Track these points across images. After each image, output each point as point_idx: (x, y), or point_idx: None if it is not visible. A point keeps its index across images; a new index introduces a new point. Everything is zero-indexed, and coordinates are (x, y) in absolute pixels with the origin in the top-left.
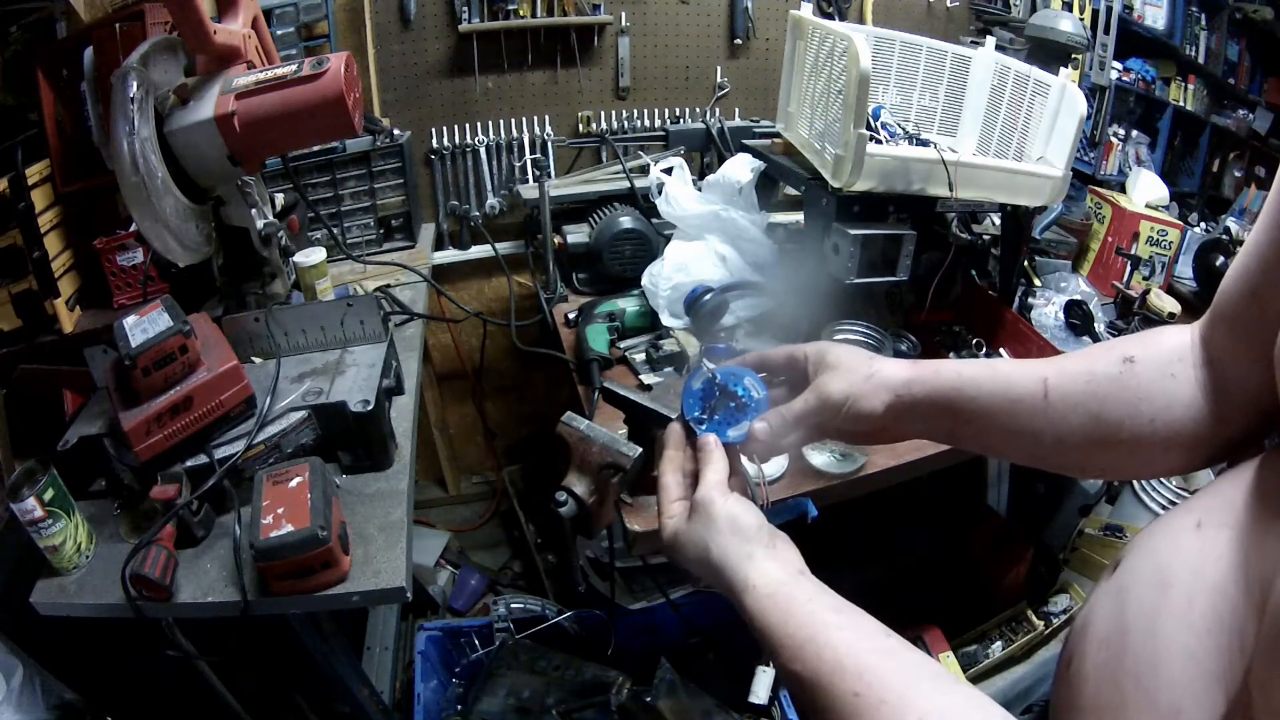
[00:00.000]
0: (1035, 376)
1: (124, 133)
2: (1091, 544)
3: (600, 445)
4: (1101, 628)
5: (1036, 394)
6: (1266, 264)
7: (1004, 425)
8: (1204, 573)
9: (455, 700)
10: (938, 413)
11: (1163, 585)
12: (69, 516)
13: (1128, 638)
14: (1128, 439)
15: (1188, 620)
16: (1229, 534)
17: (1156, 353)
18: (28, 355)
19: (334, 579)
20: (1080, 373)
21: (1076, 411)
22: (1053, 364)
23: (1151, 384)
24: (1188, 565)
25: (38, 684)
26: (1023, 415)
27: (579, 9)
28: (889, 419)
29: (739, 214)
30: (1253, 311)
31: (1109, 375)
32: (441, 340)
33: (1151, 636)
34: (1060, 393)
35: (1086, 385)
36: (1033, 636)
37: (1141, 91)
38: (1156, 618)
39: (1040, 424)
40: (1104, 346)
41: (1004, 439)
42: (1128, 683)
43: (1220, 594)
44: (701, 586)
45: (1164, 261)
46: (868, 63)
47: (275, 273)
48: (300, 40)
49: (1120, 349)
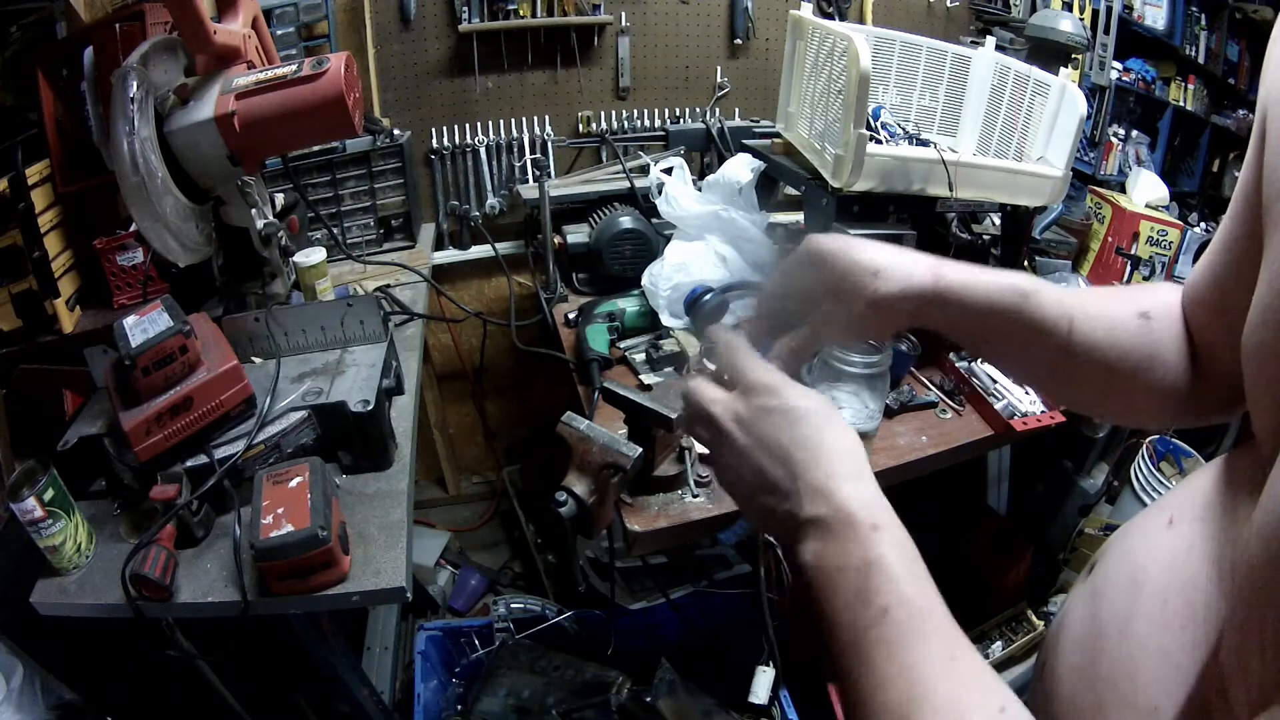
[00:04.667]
0: (1062, 315)
1: (124, 133)
2: (1091, 544)
3: (600, 445)
4: (1076, 630)
5: (1062, 332)
6: (1229, 256)
7: (1024, 354)
8: (1177, 568)
9: (455, 700)
10: (959, 329)
11: (1136, 585)
12: (69, 516)
13: (1102, 641)
14: (1141, 389)
15: (1162, 619)
16: (1201, 526)
17: (1167, 311)
18: (28, 355)
19: (334, 579)
20: (1103, 319)
21: (1096, 356)
22: (1078, 304)
23: (1165, 341)
24: (1160, 562)
25: (38, 684)
26: (1045, 351)
27: (579, 9)
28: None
29: (739, 214)
30: (1216, 297)
31: (1129, 328)
32: (441, 340)
33: (1126, 638)
34: (1083, 335)
35: (1108, 334)
36: (1033, 636)
37: (1141, 91)
38: (1130, 618)
39: (1059, 360)
40: (1122, 296)
41: (1023, 366)
42: (1103, 685)
43: (1193, 588)
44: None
45: (1164, 261)
46: (868, 63)
47: (275, 273)
48: (300, 40)
49: (1137, 302)
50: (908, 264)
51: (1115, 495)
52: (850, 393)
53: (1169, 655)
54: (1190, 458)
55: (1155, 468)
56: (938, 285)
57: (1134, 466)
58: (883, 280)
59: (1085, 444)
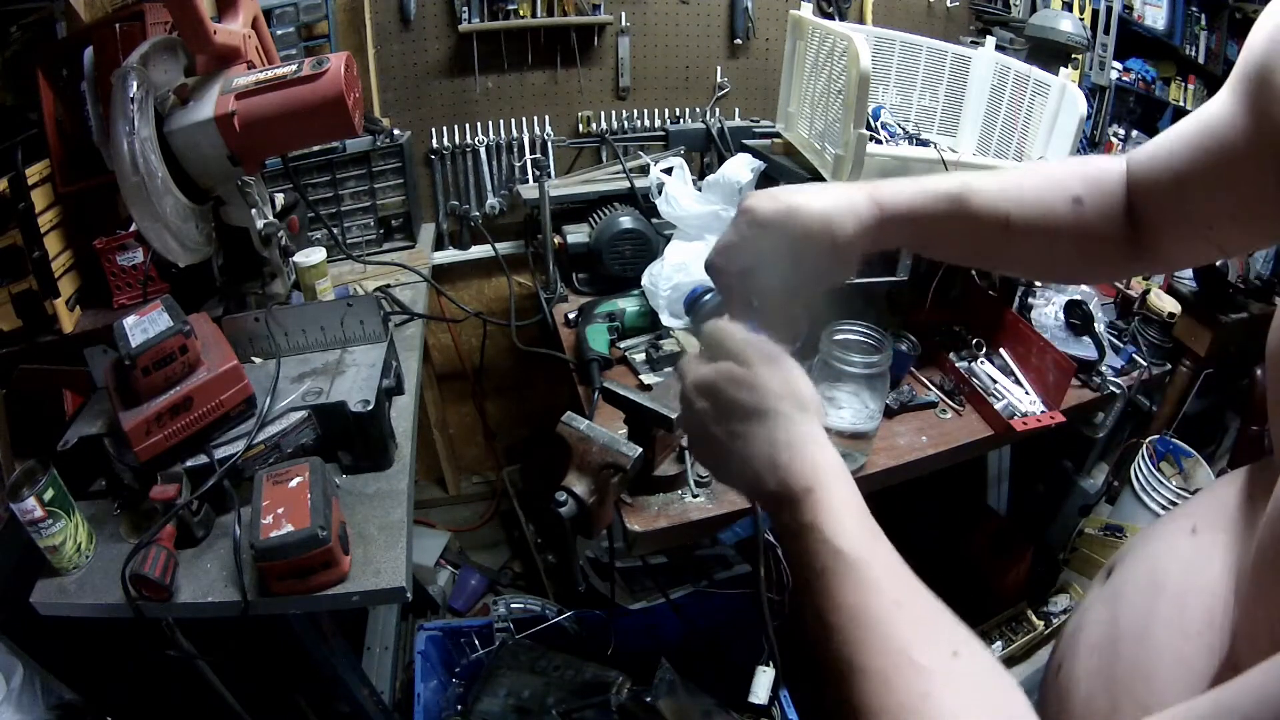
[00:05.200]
0: (999, 214)
1: (124, 133)
2: (1091, 544)
3: (600, 445)
4: (1094, 634)
5: (999, 225)
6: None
7: (968, 247)
8: (1196, 575)
9: (455, 700)
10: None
11: (1155, 590)
12: (69, 516)
13: (1119, 645)
14: (1068, 263)
15: (1179, 624)
16: (1223, 537)
17: (1100, 195)
18: (28, 355)
19: (334, 579)
20: (1037, 210)
21: (1032, 243)
22: (1012, 200)
23: (1096, 224)
24: (1180, 568)
25: (38, 684)
26: (985, 244)
27: (579, 9)
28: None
29: None
30: (1172, 188)
31: (1062, 216)
32: (441, 340)
33: (1143, 642)
34: (1021, 228)
35: (1042, 222)
36: (1033, 636)
37: (1141, 91)
38: (1148, 624)
39: (999, 247)
40: (1054, 183)
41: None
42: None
43: (1211, 594)
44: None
45: None
46: (868, 63)
47: (275, 273)
48: (300, 40)
49: (1069, 188)
50: (848, 203)
51: (1115, 495)
52: (850, 393)
53: (1185, 660)
54: (1190, 458)
55: (1155, 468)
56: (884, 214)
57: (1134, 466)
58: (836, 227)
59: (1085, 444)
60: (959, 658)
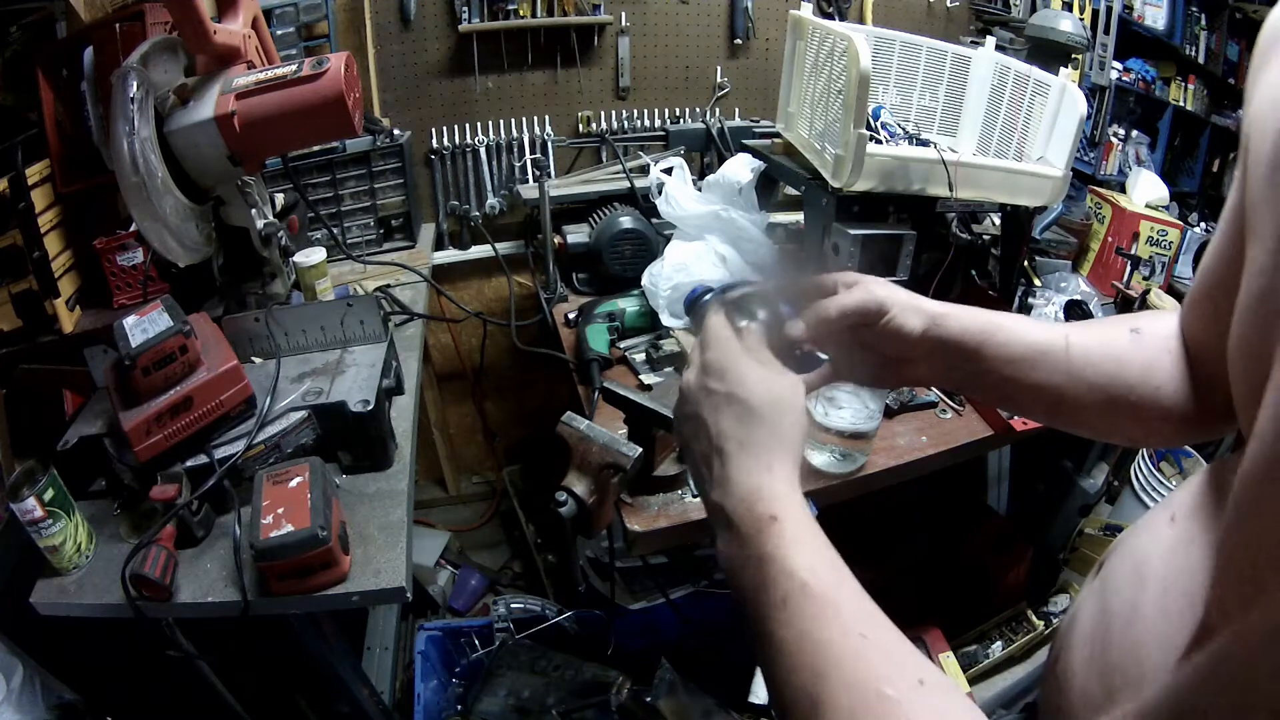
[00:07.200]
0: (1058, 332)
1: (124, 133)
2: (1091, 544)
3: (600, 445)
4: (1087, 624)
5: (1060, 347)
6: (1220, 268)
7: (1027, 375)
8: (1177, 560)
9: (455, 700)
10: (966, 354)
11: (1141, 577)
12: (69, 516)
13: (1110, 633)
14: (1137, 402)
15: (1163, 606)
16: (1199, 523)
17: (1157, 328)
18: (28, 355)
19: (334, 579)
20: (1096, 334)
21: (1095, 369)
22: (1070, 326)
23: (1156, 355)
24: (1162, 555)
25: (38, 684)
26: (1046, 367)
27: (579, 9)
28: (921, 349)
29: (739, 214)
30: (1209, 309)
31: (1121, 341)
32: (441, 340)
33: (1132, 626)
34: (1081, 349)
35: (1102, 346)
36: (1033, 636)
37: (1141, 91)
38: (1136, 608)
39: (1061, 378)
40: (1110, 319)
41: (1026, 390)
42: (1113, 675)
43: (1191, 576)
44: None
45: (1164, 261)
46: (868, 63)
47: (275, 273)
48: (300, 40)
49: (1128, 321)
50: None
51: (1115, 495)
52: (850, 392)
53: (1170, 640)
54: (1190, 458)
55: (1155, 468)
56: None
57: (1134, 466)
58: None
59: (1085, 444)
60: (925, 685)
